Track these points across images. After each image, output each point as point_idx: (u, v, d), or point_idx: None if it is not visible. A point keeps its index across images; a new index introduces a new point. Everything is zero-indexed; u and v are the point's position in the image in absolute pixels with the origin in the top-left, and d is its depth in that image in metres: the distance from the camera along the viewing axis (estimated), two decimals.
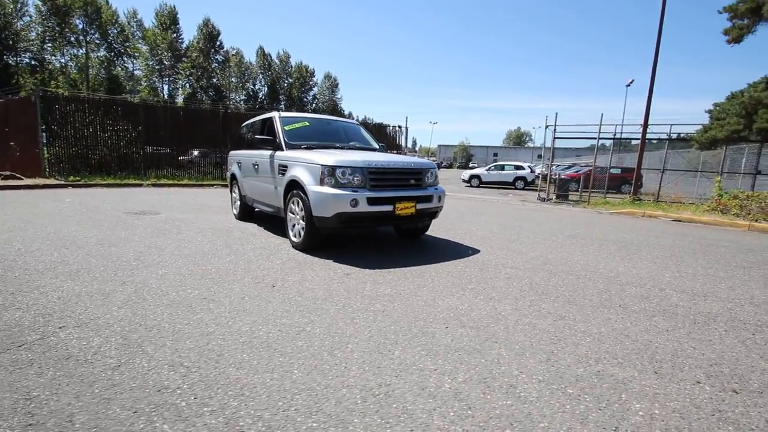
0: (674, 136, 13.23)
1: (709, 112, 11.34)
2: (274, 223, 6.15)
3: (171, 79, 52.47)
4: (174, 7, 49.44)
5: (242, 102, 58.40)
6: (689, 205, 11.13)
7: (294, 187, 4.51)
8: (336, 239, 5.06)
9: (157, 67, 50.73)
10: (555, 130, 14.15)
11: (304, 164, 4.38)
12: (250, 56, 66.17)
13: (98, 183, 11.71)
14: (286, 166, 4.70)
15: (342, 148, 5.34)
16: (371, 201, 4.08)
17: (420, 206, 4.44)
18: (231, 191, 6.95)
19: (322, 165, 4.11)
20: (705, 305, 3.08)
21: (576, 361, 2.11)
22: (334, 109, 66.39)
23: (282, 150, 4.98)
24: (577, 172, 18.64)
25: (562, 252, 4.89)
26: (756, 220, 7.82)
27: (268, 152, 5.22)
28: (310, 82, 68.13)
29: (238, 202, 6.57)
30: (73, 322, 2.38)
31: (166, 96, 51.30)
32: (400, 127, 16.92)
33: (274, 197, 5.10)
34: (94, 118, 12.27)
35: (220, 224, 6.01)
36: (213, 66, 53.82)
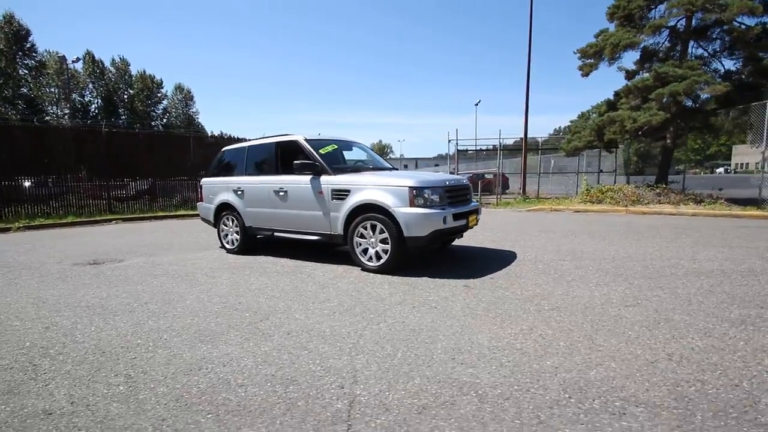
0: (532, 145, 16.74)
1: (568, 127, 14.91)
2: (297, 250, 5.68)
3: None
4: None
5: (67, 117, 47.45)
6: (563, 200, 14.26)
7: (366, 210, 4.41)
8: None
9: None
10: (458, 143, 16.24)
11: (382, 187, 4.33)
12: (80, 63, 54.34)
13: None
14: (347, 191, 4.53)
15: (375, 168, 5.36)
16: (455, 217, 4.35)
17: (478, 217, 4.90)
18: (218, 224, 6.04)
19: (410, 187, 4.17)
20: (704, 266, 4.38)
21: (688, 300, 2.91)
22: (190, 124, 59.77)
23: (328, 174, 4.75)
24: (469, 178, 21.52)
25: (567, 244, 5.95)
26: (626, 206, 10.68)
27: (306, 177, 4.89)
28: (158, 94, 59.99)
29: (235, 235, 5.80)
30: None
31: None
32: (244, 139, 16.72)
33: (320, 224, 4.80)
34: None
35: (238, 263, 5.25)
36: (21, 73, 42.38)
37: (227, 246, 5.92)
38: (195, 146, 14.33)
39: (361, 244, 4.48)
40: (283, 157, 5.40)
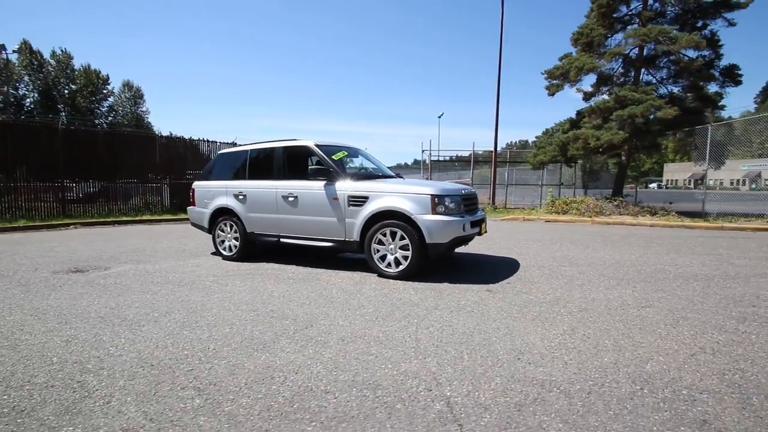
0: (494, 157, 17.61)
1: (534, 142, 15.79)
2: (298, 257, 5.54)
3: None
4: None
5: None
6: (531, 210, 15.08)
7: (385, 217, 4.44)
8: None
9: None
10: (431, 153, 16.68)
11: (403, 195, 4.39)
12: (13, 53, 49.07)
13: None
14: (365, 198, 4.55)
15: (384, 176, 5.41)
16: (472, 224, 4.51)
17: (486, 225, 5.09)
18: (214, 229, 5.76)
19: (431, 195, 4.27)
20: (675, 270, 4.87)
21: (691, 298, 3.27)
22: (139, 124, 56.23)
23: (343, 180, 4.74)
24: None
25: (557, 251, 6.32)
26: (591, 217, 11.51)
27: (319, 183, 4.84)
28: (104, 91, 55.93)
29: (233, 241, 5.57)
30: None
31: None
32: (235, 144, 16.33)
33: (334, 230, 4.76)
34: None
35: (243, 270, 5.04)
36: None
37: (224, 252, 5.67)
38: (161, 147, 13.54)
39: (379, 251, 4.50)
40: (291, 162, 5.31)
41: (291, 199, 5.03)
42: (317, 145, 5.09)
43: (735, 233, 8.63)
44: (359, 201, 4.59)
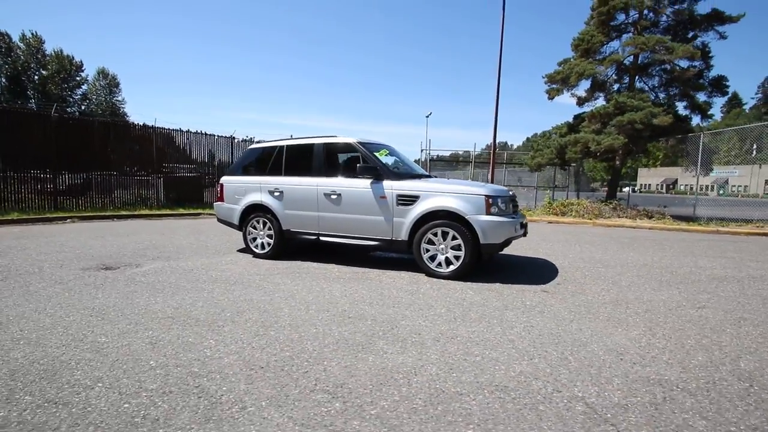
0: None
1: (532, 144, 16.17)
2: (330, 255, 5.48)
3: None
4: None
5: None
6: (528, 212, 15.41)
7: (436, 218, 4.45)
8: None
9: None
10: (429, 152, 16.76)
11: (456, 195, 4.41)
12: None
13: None
14: (416, 197, 4.54)
15: (422, 176, 5.42)
16: (521, 226, 4.58)
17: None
18: (245, 226, 5.61)
19: (486, 195, 4.31)
20: (681, 270, 5.11)
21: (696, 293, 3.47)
22: (114, 114, 53.95)
23: (390, 179, 4.72)
24: None
25: (582, 252, 6.48)
26: (591, 219, 11.88)
27: (365, 181, 4.80)
28: (77, 78, 53.35)
29: (266, 239, 5.45)
30: None
31: None
32: (233, 137, 16.02)
33: (380, 229, 4.73)
34: None
35: (284, 269, 4.94)
36: None
37: (256, 250, 5.53)
38: (155, 139, 13.03)
39: (428, 251, 4.51)
40: (331, 159, 5.22)
41: (334, 197, 4.96)
42: (360, 143, 5.04)
43: (732, 237, 9.11)
44: (409, 200, 4.58)
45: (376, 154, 5.01)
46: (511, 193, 4.78)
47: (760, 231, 9.53)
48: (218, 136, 14.32)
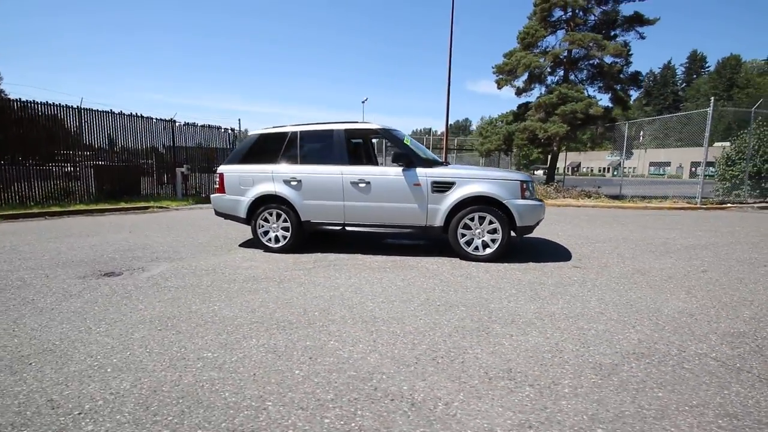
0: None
1: (481, 131, 17.03)
2: (348, 245, 5.31)
3: None
4: None
5: None
6: None
7: (472, 203, 4.56)
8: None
9: None
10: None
11: (492, 181, 4.56)
12: None
13: None
14: (452, 183, 4.60)
15: (441, 163, 5.47)
16: (543, 209, 4.90)
17: None
18: (255, 219, 5.16)
19: (521, 181, 4.54)
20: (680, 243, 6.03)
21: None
22: None
23: (423, 167, 4.72)
24: None
25: (564, 230, 7.13)
26: (575, 199, 13.01)
27: (396, 168, 4.73)
28: None
29: (281, 232, 5.10)
30: None
31: None
32: (232, 129, 14.74)
33: (414, 216, 4.72)
34: None
35: (311, 262, 4.68)
36: None
37: (268, 244, 5.15)
38: (78, 121, 11.14)
39: (464, 236, 4.63)
40: (353, 145, 5.02)
41: (362, 185, 4.81)
42: (386, 129, 4.93)
43: (660, 212, 10.71)
44: (445, 187, 4.63)
45: (404, 141, 4.95)
46: (534, 178, 5.09)
47: (678, 206, 11.35)
48: (156, 119, 12.73)
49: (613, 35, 15.66)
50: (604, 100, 16.40)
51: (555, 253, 5.15)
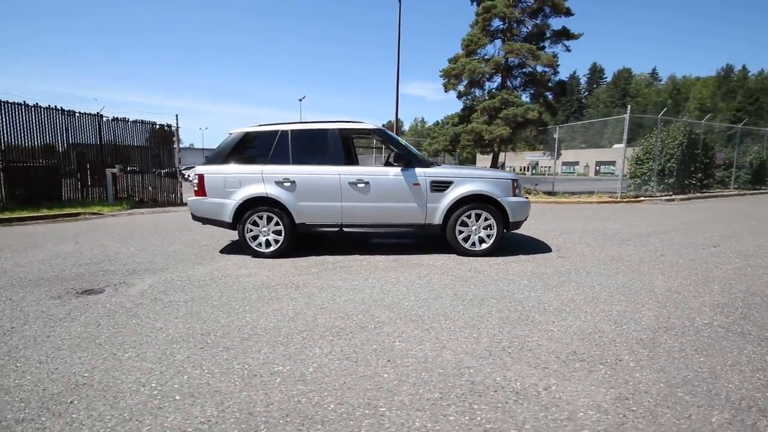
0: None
1: (428, 132, 17.59)
2: (347, 246, 5.23)
3: None
4: None
5: None
6: None
7: (469, 201, 4.77)
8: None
9: None
10: None
11: (487, 180, 4.81)
12: None
13: None
14: (449, 183, 4.76)
15: (432, 163, 5.61)
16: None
17: None
18: (242, 224, 4.82)
19: (512, 179, 4.85)
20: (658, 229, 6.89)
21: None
22: None
23: (421, 167, 4.82)
24: None
25: (536, 224, 7.71)
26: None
27: (394, 168, 4.77)
28: None
29: (272, 236, 4.86)
30: None
31: None
32: (169, 126, 13.36)
33: (413, 215, 4.81)
34: None
35: (314, 266, 4.52)
36: None
37: (258, 249, 4.87)
38: None
39: (462, 232, 4.83)
40: (347, 145, 4.94)
41: (361, 185, 4.76)
42: (383, 130, 4.94)
43: (591, 206, 12.07)
44: (443, 186, 4.78)
45: (402, 142, 5.01)
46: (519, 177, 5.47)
47: (603, 200, 12.89)
48: (80, 113, 11.17)
49: (541, 47, 17.26)
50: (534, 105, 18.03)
51: (534, 245, 5.59)
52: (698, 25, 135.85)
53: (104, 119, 11.77)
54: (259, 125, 5.12)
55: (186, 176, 16.55)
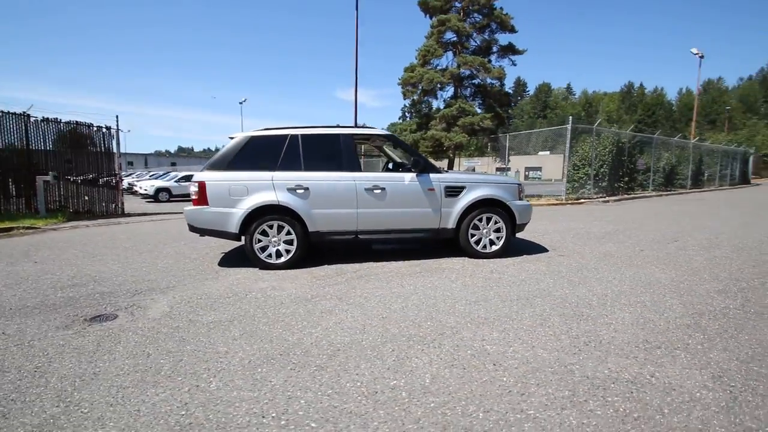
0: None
1: None
2: (355, 253, 5.17)
3: None
4: None
5: None
6: None
7: (482, 206, 4.94)
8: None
9: None
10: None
11: (497, 185, 5.02)
12: None
13: None
14: (462, 188, 4.90)
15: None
16: None
17: None
18: (250, 234, 4.49)
19: (518, 184, 5.11)
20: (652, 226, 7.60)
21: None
22: None
23: (435, 172, 4.92)
24: None
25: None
26: None
27: (409, 174, 4.81)
28: None
29: (283, 246, 4.61)
30: None
31: None
32: (108, 128, 11.85)
33: (428, 220, 4.87)
34: None
35: (337, 275, 4.36)
36: None
37: (268, 260, 4.58)
38: None
39: (474, 235, 4.99)
40: (356, 151, 4.86)
41: (377, 191, 4.71)
42: (393, 135, 4.94)
43: (544, 207, 13.08)
44: (456, 191, 4.90)
45: (412, 147, 5.04)
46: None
47: (551, 203, 14.06)
48: (2, 112, 9.59)
49: (489, 60, 18.42)
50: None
51: (530, 246, 5.94)
52: (604, 48, 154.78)
53: (32, 120, 10.25)
54: (265, 129, 4.85)
55: (129, 184, 14.92)
